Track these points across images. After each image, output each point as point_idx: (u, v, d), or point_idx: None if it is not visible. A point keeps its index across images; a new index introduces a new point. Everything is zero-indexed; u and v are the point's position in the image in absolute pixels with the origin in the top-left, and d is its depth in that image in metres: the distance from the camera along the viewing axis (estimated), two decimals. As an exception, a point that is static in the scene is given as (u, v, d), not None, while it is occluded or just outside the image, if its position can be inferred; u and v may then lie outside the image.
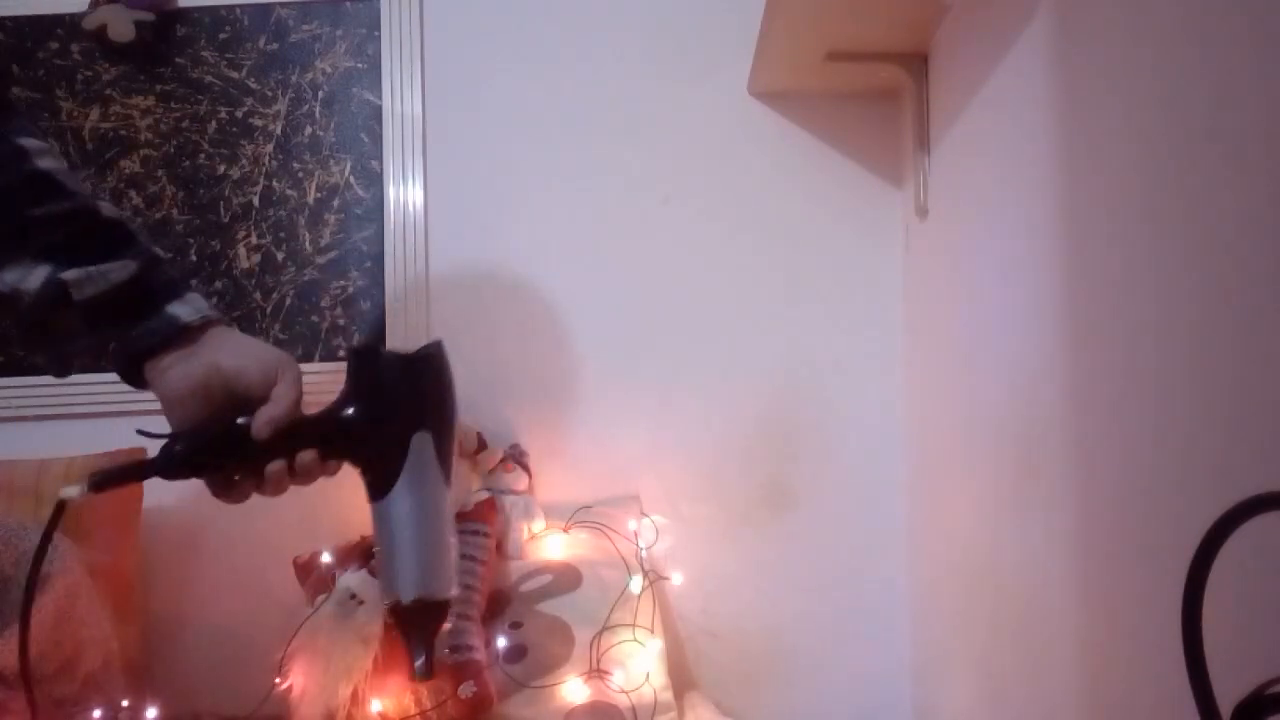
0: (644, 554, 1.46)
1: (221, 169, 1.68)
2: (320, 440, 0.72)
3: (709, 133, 1.65)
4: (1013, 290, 1.11)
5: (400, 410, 0.73)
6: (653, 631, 1.37)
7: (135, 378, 0.76)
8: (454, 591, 0.74)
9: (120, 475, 0.72)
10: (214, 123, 1.69)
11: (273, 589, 1.51)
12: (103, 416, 1.63)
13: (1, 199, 0.74)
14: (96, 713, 1.19)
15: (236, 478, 0.73)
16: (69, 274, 0.73)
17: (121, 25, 1.64)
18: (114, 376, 1.55)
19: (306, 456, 0.72)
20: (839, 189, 1.63)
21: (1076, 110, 0.92)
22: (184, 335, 0.74)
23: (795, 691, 1.59)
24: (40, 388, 1.65)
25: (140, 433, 0.74)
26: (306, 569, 1.41)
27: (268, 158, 1.68)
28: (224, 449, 0.72)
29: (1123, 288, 0.83)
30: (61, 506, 0.71)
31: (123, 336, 0.74)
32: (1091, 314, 0.90)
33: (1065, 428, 0.96)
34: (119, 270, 0.74)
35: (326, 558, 1.37)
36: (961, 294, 1.31)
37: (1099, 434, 0.88)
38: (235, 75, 1.69)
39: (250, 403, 0.72)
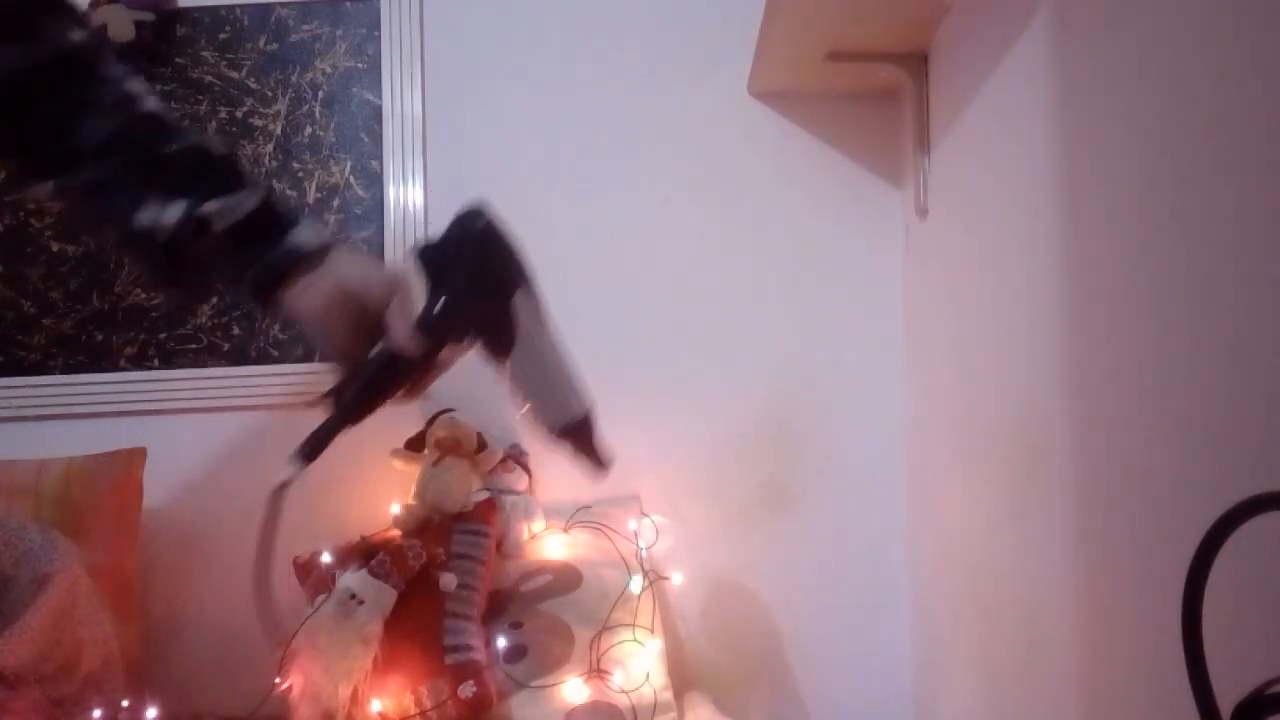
0: (644, 554, 1.46)
1: (221, 169, 1.68)
2: (447, 334, 0.79)
3: (709, 133, 1.65)
4: (1012, 290, 1.11)
5: (493, 287, 0.80)
6: (653, 631, 1.37)
7: (270, 301, 0.80)
8: (588, 404, 0.85)
9: (319, 440, 0.77)
10: (214, 123, 1.69)
11: (273, 589, 1.50)
12: (103, 416, 1.64)
13: (124, 141, 0.79)
14: (96, 713, 1.19)
15: (402, 393, 0.80)
16: (208, 206, 0.77)
17: (121, 25, 1.64)
18: (114, 376, 1.57)
19: (448, 352, 0.79)
20: (839, 189, 1.63)
21: (1076, 110, 0.93)
22: (311, 258, 0.80)
23: (795, 691, 1.59)
24: (40, 388, 1.65)
25: (312, 403, 0.79)
26: (306, 569, 1.40)
27: (268, 158, 1.68)
28: (382, 377, 0.78)
29: (1122, 287, 0.83)
30: (282, 490, 0.76)
31: (259, 262, 0.79)
32: (1091, 313, 0.90)
33: (1065, 427, 0.96)
34: (248, 200, 0.79)
35: (326, 558, 1.37)
36: (961, 294, 1.31)
37: (1098, 434, 0.88)
38: (235, 75, 1.69)
39: (374, 314, 0.78)
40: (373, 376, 0.78)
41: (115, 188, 0.78)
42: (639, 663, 1.33)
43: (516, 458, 1.55)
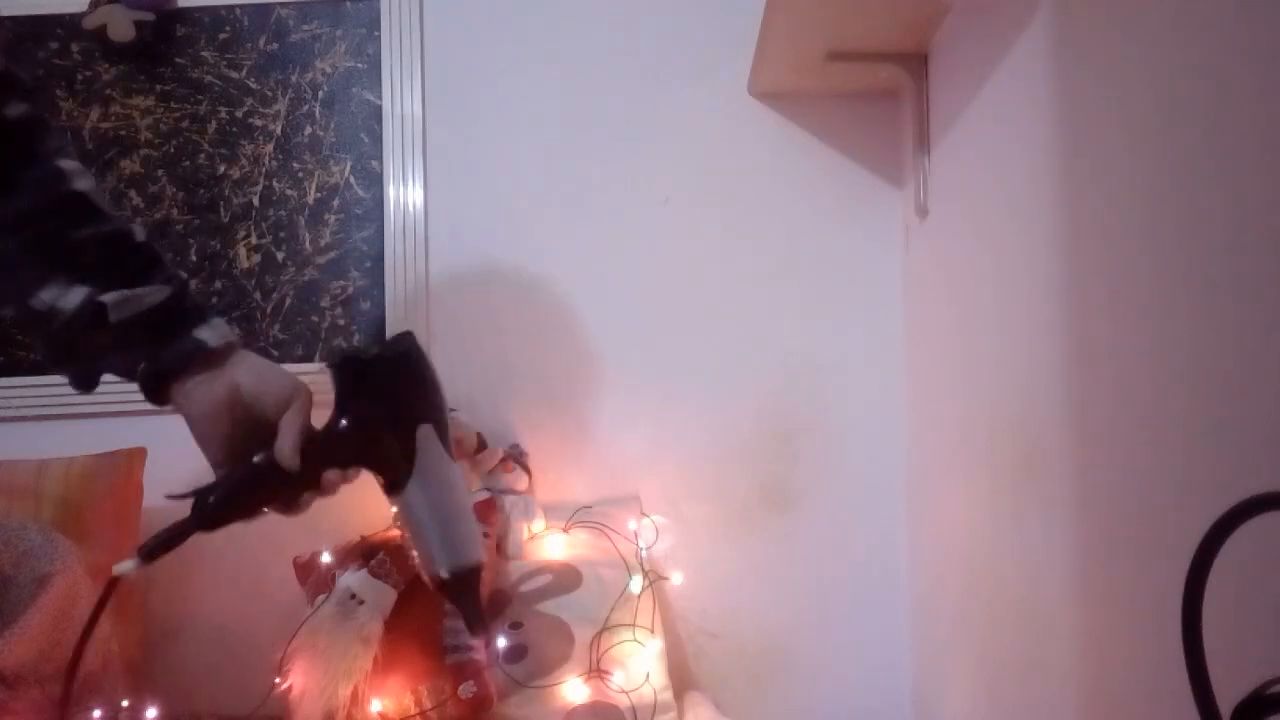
0: (644, 554, 1.46)
1: (221, 169, 1.68)
2: (336, 457, 0.76)
3: (709, 133, 1.65)
4: (1012, 290, 1.11)
5: (399, 414, 0.77)
6: (653, 631, 1.37)
7: (160, 396, 0.79)
8: (482, 556, 0.80)
9: (166, 541, 0.75)
10: (214, 123, 1.69)
11: (273, 589, 1.51)
12: (103, 416, 1.63)
13: (42, 219, 0.77)
14: (96, 713, 1.19)
15: (267, 512, 0.76)
16: (109, 296, 0.75)
17: (121, 25, 1.64)
18: (115, 376, 1.54)
19: (332, 475, 0.76)
20: (839, 189, 1.63)
21: (1076, 110, 0.93)
22: (209, 357, 0.78)
23: (795, 691, 1.59)
24: (40, 388, 1.65)
25: (169, 496, 0.76)
26: (306, 569, 1.41)
27: (268, 158, 1.68)
28: (252, 489, 0.75)
29: (1122, 287, 0.83)
30: (114, 583, 0.74)
31: (152, 357, 0.77)
32: (1091, 313, 0.90)
33: (1065, 427, 0.96)
34: (154, 294, 0.77)
35: (326, 558, 1.37)
36: (961, 294, 1.31)
37: (1098, 434, 0.89)
38: (235, 75, 1.69)
39: (266, 423, 0.76)
40: (242, 485, 0.75)
41: (20, 266, 0.76)
42: (639, 663, 1.33)
43: (516, 458, 1.55)
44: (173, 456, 1.57)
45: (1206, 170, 0.70)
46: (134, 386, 0.77)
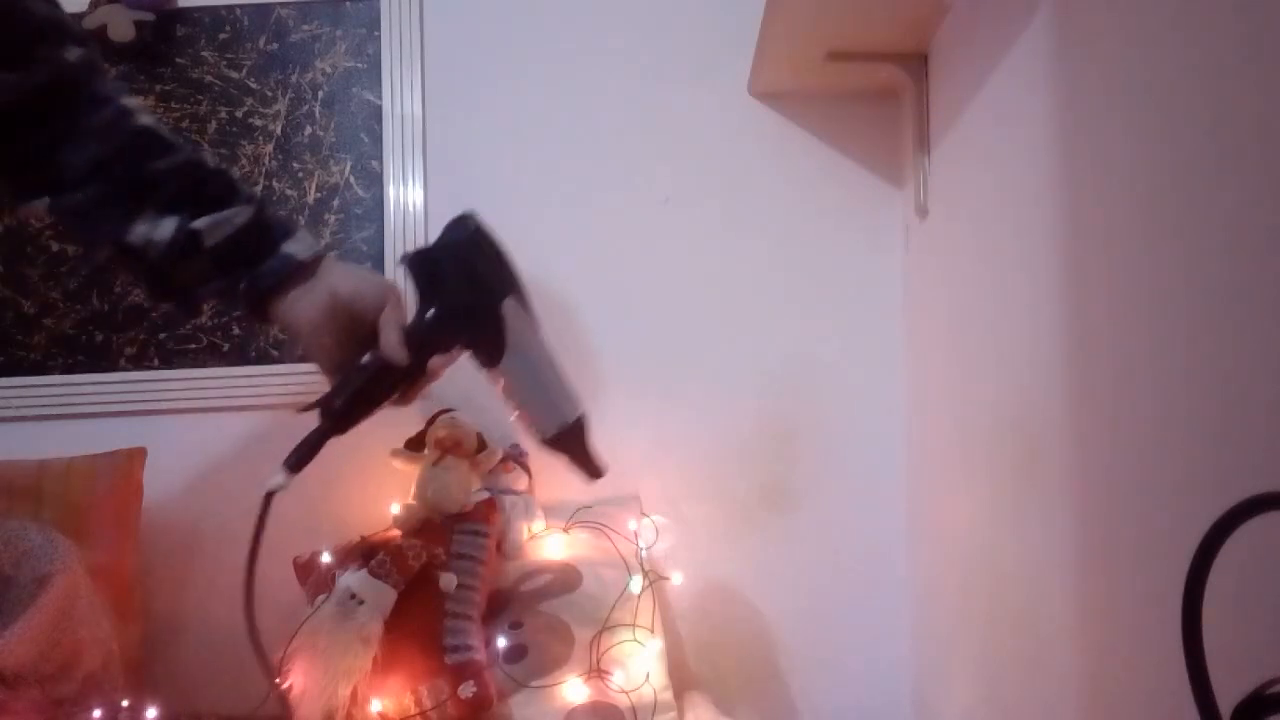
0: (644, 554, 1.46)
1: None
2: (435, 344, 0.81)
3: (709, 133, 1.65)
4: (1013, 290, 1.11)
5: (480, 293, 0.82)
6: (653, 631, 1.37)
7: (262, 314, 0.82)
8: (582, 408, 0.85)
9: (307, 451, 0.79)
10: (214, 123, 1.69)
11: (273, 589, 1.50)
12: (103, 416, 1.64)
13: (116, 160, 0.79)
14: (96, 713, 1.19)
15: (393, 401, 0.82)
16: (200, 222, 0.79)
17: (121, 25, 1.64)
18: (114, 376, 1.57)
19: (437, 360, 0.81)
20: (839, 189, 1.63)
21: (1076, 110, 0.93)
22: (304, 269, 0.81)
23: (795, 691, 1.59)
24: (40, 388, 1.65)
25: (299, 409, 0.80)
26: (306, 569, 1.41)
27: (268, 158, 1.68)
28: (370, 387, 0.80)
29: (1122, 287, 0.83)
30: (269, 500, 0.77)
31: (250, 276, 0.80)
32: (1091, 313, 0.90)
33: (1065, 427, 0.96)
34: (240, 214, 0.80)
35: (326, 558, 1.37)
36: (962, 294, 1.31)
37: (1099, 434, 0.89)
38: (235, 75, 1.69)
39: (367, 324, 0.80)
40: (362, 385, 0.79)
41: (107, 206, 0.78)
42: (639, 663, 1.33)
43: (516, 458, 1.55)
44: (173, 457, 1.59)
45: (1206, 170, 0.70)
46: (134, 386, 0.78)
